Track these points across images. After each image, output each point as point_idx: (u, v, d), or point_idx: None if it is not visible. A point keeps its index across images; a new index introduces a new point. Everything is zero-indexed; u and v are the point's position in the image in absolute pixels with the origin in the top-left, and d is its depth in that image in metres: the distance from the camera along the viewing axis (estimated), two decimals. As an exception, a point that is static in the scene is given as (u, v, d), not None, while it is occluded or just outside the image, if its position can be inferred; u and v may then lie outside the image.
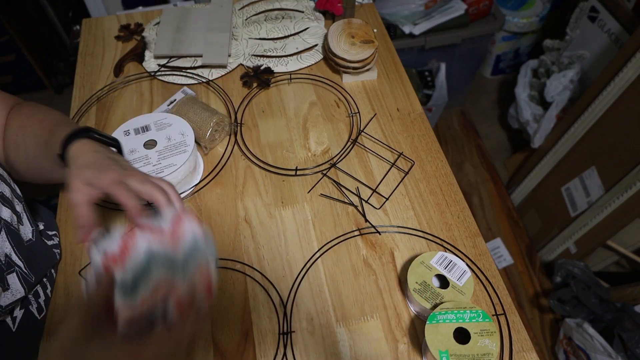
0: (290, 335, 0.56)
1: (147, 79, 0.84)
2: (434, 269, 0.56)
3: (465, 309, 0.51)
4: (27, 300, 0.55)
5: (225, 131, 0.74)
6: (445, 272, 0.56)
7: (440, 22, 1.49)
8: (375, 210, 0.67)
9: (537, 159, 1.50)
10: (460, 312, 0.51)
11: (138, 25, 0.92)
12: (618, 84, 1.16)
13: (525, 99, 1.62)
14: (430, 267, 0.56)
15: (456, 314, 0.51)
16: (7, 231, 0.51)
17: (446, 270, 0.56)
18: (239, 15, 0.94)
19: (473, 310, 0.51)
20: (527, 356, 0.54)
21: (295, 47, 0.88)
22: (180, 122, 0.68)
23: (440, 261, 0.57)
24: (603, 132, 1.25)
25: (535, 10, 1.78)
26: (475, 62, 1.77)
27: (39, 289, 0.57)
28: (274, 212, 0.66)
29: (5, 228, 0.51)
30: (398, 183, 0.69)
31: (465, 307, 0.51)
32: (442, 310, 0.51)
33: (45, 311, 0.58)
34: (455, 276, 0.56)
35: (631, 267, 1.33)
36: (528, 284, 1.40)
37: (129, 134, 0.67)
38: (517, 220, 1.53)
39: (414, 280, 0.55)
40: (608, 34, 1.39)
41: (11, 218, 0.52)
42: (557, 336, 1.25)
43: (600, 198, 1.24)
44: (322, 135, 0.76)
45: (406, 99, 0.81)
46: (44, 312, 0.57)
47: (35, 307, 0.56)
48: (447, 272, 0.56)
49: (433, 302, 0.54)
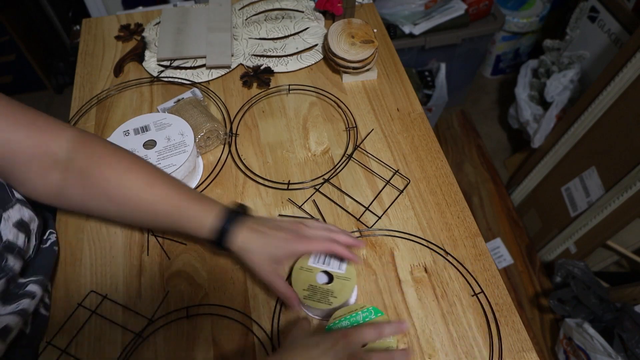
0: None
1: (148, 81, 0.83)
2: (314, 268, 0.56)
3: (356, 311, 0.52)
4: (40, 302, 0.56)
5: (219, 139, 0.73)
6: (325, 266, 0.56)
7: (440, 22, 1.49)
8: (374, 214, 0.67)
9: (537, 159, 1.50)
10: (352, 315, 0.52)
11: (138, 25, 0.92)
12: (618, 84, 1.16)
13: (525, 99, 1.62)
14: (310, 269, 0.56)
15: (350, 319, 0.52)
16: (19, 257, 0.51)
17: (325, 264, 0.56)
18: (238, 15, 0.94)
19: (364, 310, 0.52)
20: (527, 356, 0.54)
21: (295, 47, 0.88)
22: (179, 122, 0.68)
23: (317, 259, 0.57)
24: (603, 132, 1.25)
25: (535, 10, 1.78)
26: (475, 62, 1.77)
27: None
28: (274, 212, 0.66)
29: (18, 255, 0.51)
30: (392, 201, 0.68)
31: (355, 309, 0.53)
32: (335, 320, 0.52)
33: (49, 313, 0.58)
34: (335, 266, 0.56)
35: (631, 267, 1.33)
36: (528, 284, 1.40)
37: (128, 134, 0.67)
38: (517, 220, 1.53)
39: (301, 288, 0.55)
40: (608, 34, 1.39)
41: (24, 243, 0.52)
42: (557, 336, 1.25)
43: (600, 198, 1.24)
44: (322, 135, 0.76)
45: (406, 99, 0.81)
46: (48, 314, 0.57)
47: (43, 306, 0.56)
48: (328, 266, 0.56)
49: (326, 299, 0.54)
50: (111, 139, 0.68)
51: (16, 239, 0.50)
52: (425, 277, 0.60)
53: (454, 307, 0.58)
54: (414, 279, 0.60)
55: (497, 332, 0.56)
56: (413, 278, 0.60)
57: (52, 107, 1.96)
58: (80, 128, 0.61)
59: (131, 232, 0.64)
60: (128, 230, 0.64)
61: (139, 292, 0.59)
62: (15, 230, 0.50)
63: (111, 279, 0.60)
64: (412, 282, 0.60)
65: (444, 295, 0.59)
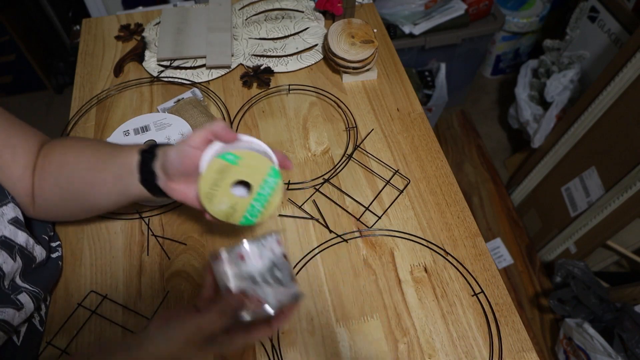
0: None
1: (148, 81, 0.83)
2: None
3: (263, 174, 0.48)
4: (32, 314, 0.55)
5: None
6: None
7: (440, 22, 1.49)
8: (374, 214, 0.67)
9: (537, 159, 1.50)
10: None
11: (138, 25, 0.92)
12: (618, 84, 1.16)
13: (525, 99, 1.62)
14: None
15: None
16: (20, 255, 0.50)
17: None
18: (238, 15, 0.94)
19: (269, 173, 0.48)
20: (527, 356, 0.54)
21: (295, 47, 0.88)
22: (179, 122, 0.68)
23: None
24: (603, 132, 1.25)
25: (535, 10, 1.78)
26: (475, 62, 1.77)
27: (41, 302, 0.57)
28: (273, 212, 0.66)
29: (19, 253, 0.50)
30: (392, 201, 0.68)
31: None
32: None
33: (45, 323, 0.57)
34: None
35: (631, 267, 1.33)
36: (528, 284, 1.40)
37: (128, 134, 0.67)
38: (517, 220, 1.53)
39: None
40: (608, 34, 1.39)
41: (26, 242, 0.52)
42: (557, 336, 1.25)
43: (600, 198, 1.24)
44: (322, 135, 0.76)
45: (406, 99, 0.81)
46: (44, 325, 0.57)
47: (38, 320, 0.56)
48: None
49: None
50: (111, 139, 0.68)
51: (14, 236, 0.50)
52: (425, 277, 0.60)
53: (454, 307, 0.58)
54: (414, 279, 0.60)
55: (497, 332, 0.56)
56: (413, 278, 0.60)
57: (52, 107, 1.96)
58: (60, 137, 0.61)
59: (131, 232, 0.64)
60: (128, 230, 0.64)
61: (139, 292, 0.59)
62: (12, 227, 0.50)
63: (111, 279, 0.60)
64: (412, 282, 0.60)
65: (444, 295, 0.59)
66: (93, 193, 0.53)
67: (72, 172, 0.53)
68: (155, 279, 0.60)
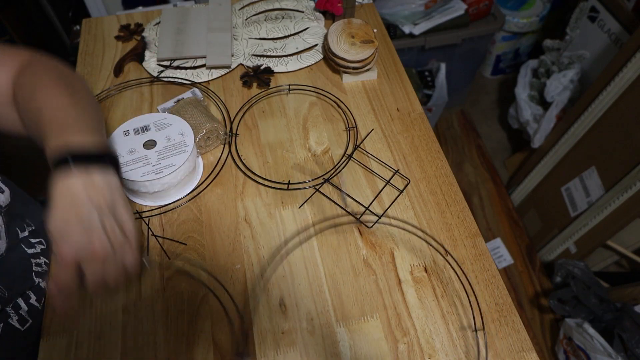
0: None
1: (148, 81, 0.83)
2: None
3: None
4: (5, 314, 0.54)
5: (219, 139, 0.73)
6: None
7: (440, 22, 1.49)
8: (374, 213, 0.67)
9: (537, 159, 1.50)
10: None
11: (138, 25, 0.92)
12: (618, 84, 1.16)
13: (525, 99, 1.62)
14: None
15: None
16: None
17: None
18: (238, 15, 0.94)
19: None
20: (527, 356, 0.54)
21: (295, 47, 0.88)
22: (180, 122, 0.68)
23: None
24: (603, 132, 1.25)
25: (535, 10, 1.78)
26: (475, 62, 1.77)
27: (19, 301, 0.56)
28: (274, 212, 0.66)
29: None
30: (392, 201, 0.68)
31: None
32: None
33: (31, 322, 0.56)
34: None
35: (631, 267, 1.33)
36: (528, 284, 1.40)
37: (128, 134, 0.67)
38: (517, 220, 1.53)
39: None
40: (608, 34, 1.39)
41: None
42: (557, 336, 1.25)
43: (600, 198, 1.24)
44: (322, 135, 0.76)
45: (406, 99, 0.81)
46: (28, 323, 0.56)
47: (17, 320, 0.55)
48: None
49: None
50: (111, 139, 0.68)
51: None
52: (425, 277, 0.60)
53: (453, 307, 0.58)
54: (414, 279, 0.60)
55: (497, 332, 0.56)
56: (413, 278, 0.60)
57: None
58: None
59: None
60: (128, 230, 0.64)
61: (139, 292, 0.59)
62: None
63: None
64: (412, 282, 0.60)
65: (444, 295, 0.59)
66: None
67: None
68: (155, 279, 0.60)
